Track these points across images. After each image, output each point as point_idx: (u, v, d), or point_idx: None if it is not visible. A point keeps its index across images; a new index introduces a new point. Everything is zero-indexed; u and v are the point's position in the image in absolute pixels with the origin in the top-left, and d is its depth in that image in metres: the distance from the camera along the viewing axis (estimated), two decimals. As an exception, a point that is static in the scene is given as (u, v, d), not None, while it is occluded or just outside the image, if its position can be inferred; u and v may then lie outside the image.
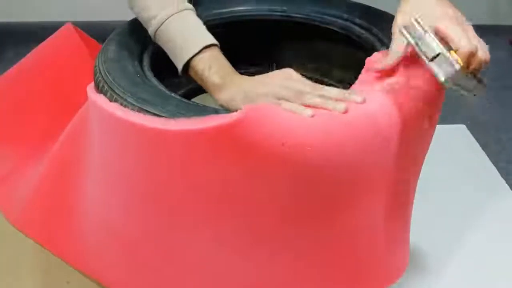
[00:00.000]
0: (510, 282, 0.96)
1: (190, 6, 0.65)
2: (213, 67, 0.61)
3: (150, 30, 0.65)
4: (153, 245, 0.66)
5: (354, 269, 0.68)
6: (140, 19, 0.67)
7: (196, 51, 0.61)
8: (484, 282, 0.96)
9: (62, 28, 1.00)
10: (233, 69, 0.63)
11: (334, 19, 0.84)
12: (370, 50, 0.76)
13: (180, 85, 0.86)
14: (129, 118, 0.55)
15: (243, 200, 0.57)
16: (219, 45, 0.64)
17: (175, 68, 0.68)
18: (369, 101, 0.55)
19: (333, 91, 0.56)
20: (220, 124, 0.51)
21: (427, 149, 0.66)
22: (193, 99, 0.88)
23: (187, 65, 0.62)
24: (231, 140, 0.51)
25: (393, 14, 0.80)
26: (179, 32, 0.63)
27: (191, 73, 0.63)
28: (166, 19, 0.63)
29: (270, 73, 0.60)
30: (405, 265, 0.77)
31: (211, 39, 0.63)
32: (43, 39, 1.04)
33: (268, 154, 0.52)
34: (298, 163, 0.52)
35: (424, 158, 0.67)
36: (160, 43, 0.65)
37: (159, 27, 0.64)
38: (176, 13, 0.63)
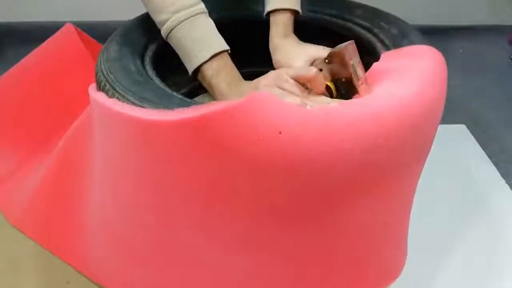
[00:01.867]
0: (510, 282, 0.96)
1: (203, 7, 0.66)
2: (221, 74, 0.64)
3: (162, 33, 0.66)
4: (153, 245, 0.66)
5: (352, 268, 0.68)
6: (153, 19, 0.67)
7: (205, 59, 0.63)
8: (484, 281, 0.96)
9: (63, 28, 1.01)
10: (239, 76, 0.66)
11: (334, 19, 0.85)
12: (370, 50, 0.76)
13: (182, 84, 0.86)
14: (126, 112, 0.55)
15: (239, 195, 0.56)
16: (229, 50, 0.66)
17: (177, 67, 0.68)
18: (377, 101, 0.55)
19: (319, 100, 0.60)
20: (218, 109, 0.50)
21: (430, 149, 0.67)
22: (195, 98, 0.88)
23: (196, 70, 0.65)
24: (229, 128, 0.51)
25: (394, 14, 0.81)
26: (189, 38, 0.64)
27: (200, 78, 0.66)
28: (177, 25, 0.64)
29: (264, 75, 0.63)
30: (402, 264, 0.77)
31: (220, 46, 0.65)
32: (43, 39, 1.04)
33: (264, 143, 0.51)
34: (295, 154, 0.51)
35: (426, 157, 0.67)
36: (172, 45, 0.67)
37: (169, 32, 0.65)
38: (187, 19, 0.64)
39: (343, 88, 0.64)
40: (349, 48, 0.61)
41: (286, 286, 0.66)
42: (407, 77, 0.60)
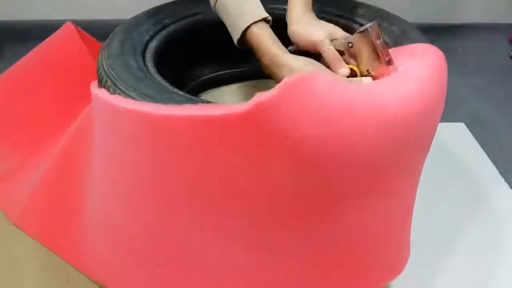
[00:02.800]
0: (509, 281, 0.96)
1: None
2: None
3: (211, 3, 0.68)
4: (153, 243, 0.66)
5: (354, 265, 0.68)
6: None
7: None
8: (484, 280, 0.96)
9: (63, 27, 1.00)
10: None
11: (335, 18, 0.85)
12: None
13: (183, 83, 0.87)
14: (131, 107, 0.55)
15: (243, 193, 0.56)
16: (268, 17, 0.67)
17: (177, 67, 0.68)
18: (378, 99, 0.55)
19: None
20: (243, 110, 0.50)
21: (430, 146, 0.67)
22: (200, 96, 0.88)
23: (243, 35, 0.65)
24: (267, 122, 0.51)
25: (395, 14, 0.82)
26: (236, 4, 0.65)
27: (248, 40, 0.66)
28: None
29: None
30: (405, 260, 0.77)
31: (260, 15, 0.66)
32: (42, 38, 1.04)
33: (271, 144, 0.52)
34: (313, 154, 0.52)
35: (426, 155, 0.68)
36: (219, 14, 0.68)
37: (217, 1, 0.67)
38: None
39: (368, 69, 0.65)
40: (374, 29, 0.62)
41: (288, 283, 0.66)
42: (408, 75, 0.60)
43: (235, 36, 0.66)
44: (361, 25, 0.81)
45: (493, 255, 1.01)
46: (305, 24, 0.71)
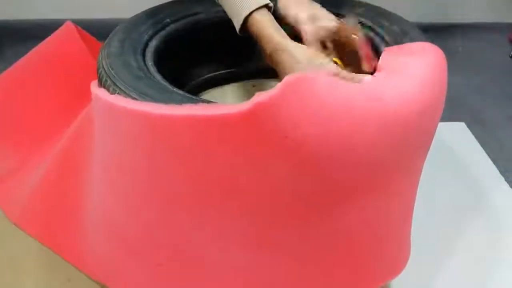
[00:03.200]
0: (509, 281, 0.96)
1: None
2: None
3: None
4: (153, 243, 0.66)
5: (355, 263, 0.68)
6: None
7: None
8: (484, 280, 0.96)
9: (63, 26, 1.00)
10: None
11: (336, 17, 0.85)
12: (372, 48, 0.76)
13: (183, 83, 0.86)
14: (131, 107, 0.55)
15: (244, 192, 0.56)
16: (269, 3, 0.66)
17: (177, 66, 0.68)
18: (383, 94, 0.55)
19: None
20: (243, 109, 0.50)
21: (430, 145, 0.67)
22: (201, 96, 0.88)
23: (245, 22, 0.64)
24: (269, 121, 0.51)
25: (396, 13, 0.82)
26: None
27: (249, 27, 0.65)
28: None
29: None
30: (405, 261, 0.77)
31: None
32: (42, 37, 1.04)
33: (272, 143, 0.52)
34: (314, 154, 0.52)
35: (426, 154, 0.68)
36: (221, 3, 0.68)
37: None
38: None
39: (350, 62, 0.66)
40: (350, 22, 0.64)
41: (288, 283, 0.66)
42: (408, 74, 0.60)
43: (237, 24, 0.65)
44: (361, 24, 0.81)
45: (493, 255, 1.01)
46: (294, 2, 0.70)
